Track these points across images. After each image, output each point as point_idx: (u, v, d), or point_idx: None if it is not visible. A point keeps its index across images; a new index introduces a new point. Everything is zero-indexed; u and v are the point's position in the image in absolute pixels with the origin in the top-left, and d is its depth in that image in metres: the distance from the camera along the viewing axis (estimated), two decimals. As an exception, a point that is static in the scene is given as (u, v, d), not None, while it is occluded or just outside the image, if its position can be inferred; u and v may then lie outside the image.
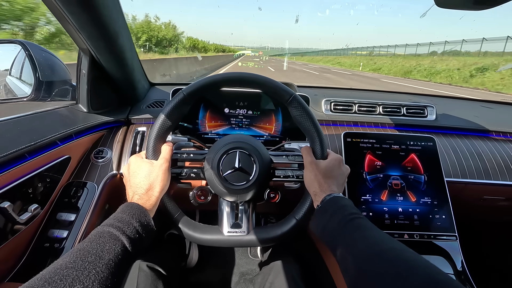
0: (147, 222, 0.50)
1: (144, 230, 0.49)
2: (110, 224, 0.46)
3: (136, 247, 0.46)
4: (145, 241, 0.49)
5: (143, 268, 0.74)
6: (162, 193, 0.58)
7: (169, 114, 0.59)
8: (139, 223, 0.48)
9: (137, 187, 0.55)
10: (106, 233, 0.44)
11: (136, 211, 0.50)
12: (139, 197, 0.54)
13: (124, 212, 0.49)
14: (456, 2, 0.53)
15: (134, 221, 0.48)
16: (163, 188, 0.57)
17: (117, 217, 0.48)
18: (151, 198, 0.54)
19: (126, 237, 0.45)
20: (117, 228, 0.45)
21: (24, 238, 0.65)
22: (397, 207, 0.79)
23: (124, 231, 0.45)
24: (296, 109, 0.61)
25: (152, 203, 0.54)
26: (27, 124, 0.71)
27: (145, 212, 0.51)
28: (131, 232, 0.46)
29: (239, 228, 0.64)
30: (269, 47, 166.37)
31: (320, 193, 0.57)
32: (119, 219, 0.47)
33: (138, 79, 1.01)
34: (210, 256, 1.34)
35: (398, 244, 0.43)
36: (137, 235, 0.47)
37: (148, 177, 0.55)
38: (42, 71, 0.83)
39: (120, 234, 0.44)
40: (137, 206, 0.51)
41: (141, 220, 0.49)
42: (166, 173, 0.58)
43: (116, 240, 0.44)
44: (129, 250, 0.44)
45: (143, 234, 0.48)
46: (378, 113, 1.07)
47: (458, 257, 0.75)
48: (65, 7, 0.60)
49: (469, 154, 0.98)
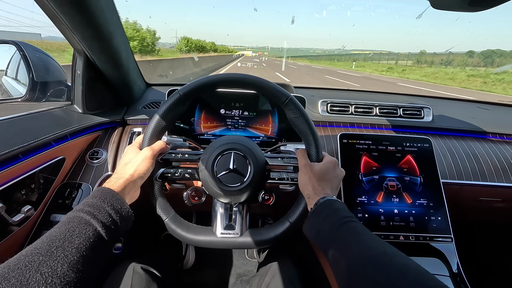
0: (121, 205, 0.49)
1: (117, 214, 0.47)
2: (79, 209, 0.44)
3: (111, 231, 0.45)
4: (122, 226, 0.48)
5: (137, 270, 0.74)
6: (138, 179, 0.56)
7: (164, 114, 0.59)
8: (111, 207, 0.47)
9: (114, 173, 0.55)
10: (76, 218, 0.42)
11: (107, 195, 0.48)
12: (109, 181, 0.53)
13: (95, 197, 0.47)
14: (452, 3, 0.53)
15: (105, 205, 0.46)
16: (138, 173, 0.55)
17: (87, 202, 0.46)
18: (119, 180, 0.53)
19: (97, 221, 0.43)
20: (87, 212, 0.44)
21: (18, 240, 0.65)
22: (393, 208, 0.79)
23: (95, 215, 0.44)
24: (292, 112, 0.61)
25: (120, 184, 0.52)
26: (21, 125, 0.71)
27: (117, 196, 0.49)
28: (103, 216, 0.44)
29: (233, 230, 0.63)
30: (269, 47, 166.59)
31: (313, 196, 0.56)
32: (89, 204, 0.45)
33: (134, 80, 1.00)
34: (206, 257, 1.33)
35: (390, 248, 0.43)
36: (110, 218, 0.45)
37: (127, 163, 0.56)
38: (37, 72, 0.82)
39: (90, 218, 0.43)
40: (108, 190, 0.49)
41: (114, 203, 0.47)
42: (146, 159, 0.57)
43: (87, 224, 0.42)
44: (101, 234, 0.43)
45: (117, 218, 0.47)
46: (374, 114, 1.07)
47: (454, 259, 0.75)
48: (58, 7, 0.60)
49: (465, 155, 0.98)
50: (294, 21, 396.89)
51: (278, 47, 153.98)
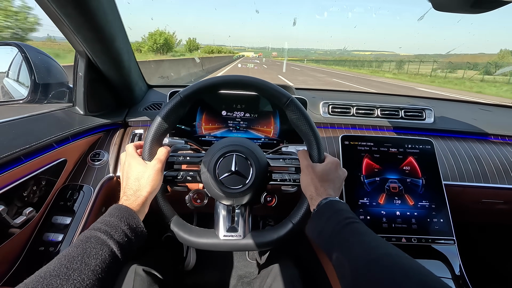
0: (136, 224, 0.49)
1: (133, 233, 0.47)
2: (97, 228, 0.44)
3: (125, 251, 0.45)
4: (135, 244, 0.48)
5: (139, 272, 0.74)
6: (153, 194, 0.57)
7: (166, 116, 0.59)
8: (127, 226, 0.47)
9: (127, 188, 0.54)
10: (92, 237, 0.43)
11: (124, 213, 0.48)
12: (126, 198, 0.52)
13: (112, 215, 0.47)
14: (454, 5, 0.53)
15: (122, 224, 0.46)
16: (153, 189, 0.56)
17: (104, 220, 0.46)
18: (138, 198, 0.53)
19: (113, 242, 0.43)
20: (104, 232, 0.44)
21: (19, 242, 0.65)
22: (395, 210, 0.79)
23: (111, 235, 0.44)
24: (293, 113, 0.61)
25: (139, 203, 0.52)
26: (23, 127, 0.71)
27: (134, 214, 0.49)
28: (119, 236, 0.45)
29: (235, 232, 0.63)
30: (269, 47, 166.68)
31: (316, 197, 0.56)
32: (107, 223, 0.46)
33: (136, 81, 1.00)
34: (207, 258, 1.33)
35: (393, 249, 0.42)
36: (125, 238, 0.46)
37: (139, 178, 0.55)
38: (39, 73, 0.82)
39: (107, 238, 0.43)
40: (125, 208, 0.50)
41: (130, 223, 0.48)
42: (158, 174, 0.57)
43: (103, 245, 0.42)
44: (117, 254, 0.43)
45: (132, 237, 0.47)
46: (376, 116, 1.06)
47: (456, 261, 0.75)
48: (60, 9, 0.60)
49: (467, 157, 0.97)
50: (296, 22, 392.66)
51: (279, 47, 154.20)
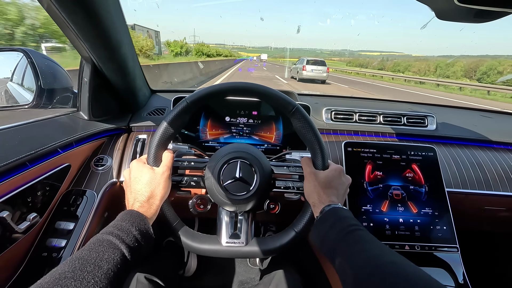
0: (147, 230, 0.50)
1: (143, 238, 0.48)
2: (109, 232, 0.45)
3: (135, 255, 0.46)
4: (144, 249, 0.49)
5: (141, 280, 0.74)
6: (163, 201, 0.58)
7: (172, 121, 0.59)
8: (138, 232, 0.48)
9: (138, 194, 0.54)
10: (105, 241, 0.44)
11: (136, 219, 0.49)
12: (140, 204, 0.53)
13: (124, 220, 0.48)
14: (457, 15, 0.54)
15: (133, 229, 0.47)
16: (164, 196, 0.57)
17: (116, 225, 0.47)
18: (152, 206, 0.54)
19: (125, 246, 0.44)
20: (116, 236, 0.45)
21: (22, 247, 0.65)
22: (398, 217, 0.79)
23: (123, 239, 0.45)
24: (298, 121, 0.61)
25: (153, 211, 0.54)
26: (28, 132, 0.71)
27: (145, 220, 0.51)
28: (130, 240, 0.46)
29: (238, 239, 0.63)
30: (272, 47, 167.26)
31: (319, 204, 0.56)
32: (119, 227, 0.46)
33: (140, 87, 1.01)
34: (208, 264, 1.32)
35: (398, 257, 0.42)
36: (136, 243, 0.46)
37: (150, 184, 0.55)
38: (44, 79, 0.83)
39: (119, 242, 0.44)
40: (137, 214, 0.51)
41: (141, 228, 0.49)
42: (167, 181, 0.58)
43: (115, 248, 0.43)
44: (128, 258, 0.44)
45: (142, 242, 0.48)
46: (378, 122, 1.07)
47: (460, 269, 0.74)
48: (69, 17, 0.61)
49: (470, 164, 0.97)
50: (300, 30, 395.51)
51: (282, 47, 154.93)
